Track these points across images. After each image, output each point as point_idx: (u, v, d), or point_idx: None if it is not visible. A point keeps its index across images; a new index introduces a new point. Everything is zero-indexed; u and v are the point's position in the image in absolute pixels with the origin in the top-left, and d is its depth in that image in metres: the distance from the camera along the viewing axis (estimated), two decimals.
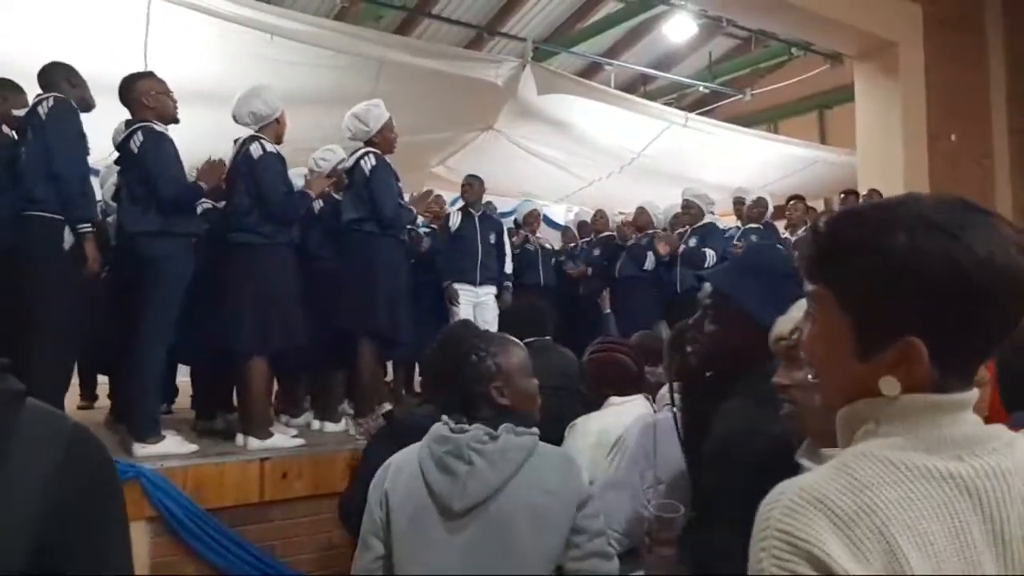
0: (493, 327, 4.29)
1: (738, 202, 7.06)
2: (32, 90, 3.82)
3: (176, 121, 3.80)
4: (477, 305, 5.81)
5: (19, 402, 0.84)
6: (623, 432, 2.30)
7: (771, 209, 6.68)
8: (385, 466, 1.79)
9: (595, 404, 2.63)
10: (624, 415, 2.51)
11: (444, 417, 1.76)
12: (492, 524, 1.63)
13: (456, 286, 5.83)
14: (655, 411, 2.56)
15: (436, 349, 2.53)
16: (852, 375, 0.81)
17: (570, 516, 1.67)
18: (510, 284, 6.20)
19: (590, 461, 2.34)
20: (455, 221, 6.07)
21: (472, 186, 6.21)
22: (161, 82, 3.79)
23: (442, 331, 2.57)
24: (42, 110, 3.63)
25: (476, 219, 6.06)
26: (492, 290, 5.97)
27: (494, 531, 1.63)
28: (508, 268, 6.23)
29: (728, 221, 7.26)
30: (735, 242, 6.29)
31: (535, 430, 1.77)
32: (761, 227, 6.51)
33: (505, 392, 1.78)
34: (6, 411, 0.83)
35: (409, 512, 1.68)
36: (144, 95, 3.70)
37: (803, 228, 6.95)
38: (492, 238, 6.08)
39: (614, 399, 2.59)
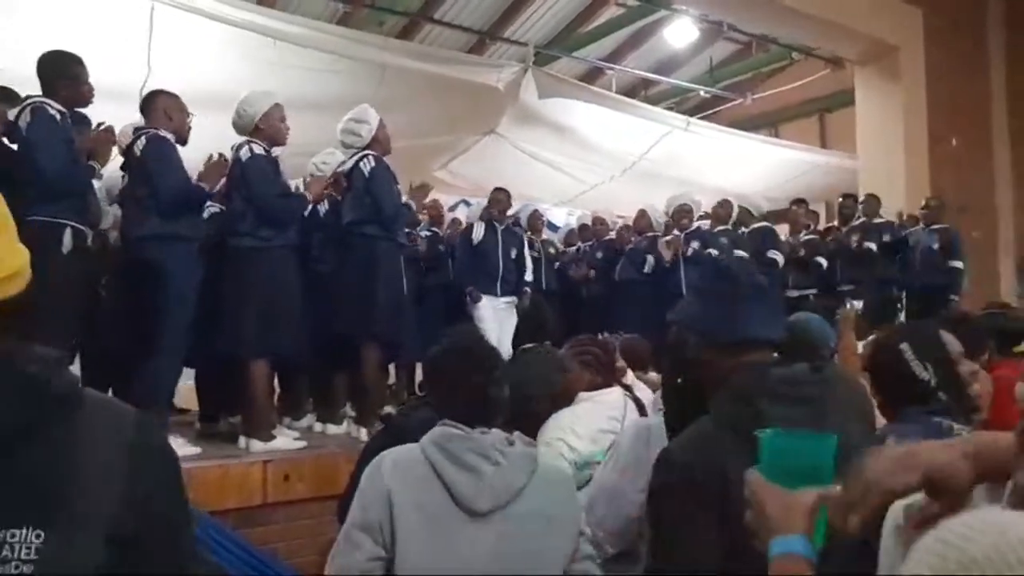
0: (510, 334, 4.35)
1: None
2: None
3: (184, 143, 3.82)
4: (497, 310, 5.79)
5: (80, 394, 0.87)
6: (616, 434, 2.34)
7: (735, 209, 6.78)
8: (375, 464, 1.72)
9: (565, 403, 2.67)
10: (598, 404, 2.60)
11: (448, 420, 1.75)
12: (516, 524, 1.67)
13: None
14: (631, 401, 2.64)
15: (444, 354, 2.54)
16: None
17: (579, 520, 1.77)
18: (528, 289, 6.13)
19: (568, 448, 2.44)
20: (478, 233, 5.95)
21: (499, 200, 6.09)
22: (183, 105, 3.83)
23: (450, 337, 2.57)
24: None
25: (499, 233, 5.97)
26: (512, 299, 5.93)
27: (518, 531, 1.67)
28: (529, 276, 6.18)
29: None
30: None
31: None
32: (730, 227, 6.65)
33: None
34: (72, 405, 0.85)
35: (423, 512, 1.64)
36: (166, 108, 3.76)
37: (805, 232, 6.98)
38: (513, 253, 6.00)
39: (583, 394, 2.66)
